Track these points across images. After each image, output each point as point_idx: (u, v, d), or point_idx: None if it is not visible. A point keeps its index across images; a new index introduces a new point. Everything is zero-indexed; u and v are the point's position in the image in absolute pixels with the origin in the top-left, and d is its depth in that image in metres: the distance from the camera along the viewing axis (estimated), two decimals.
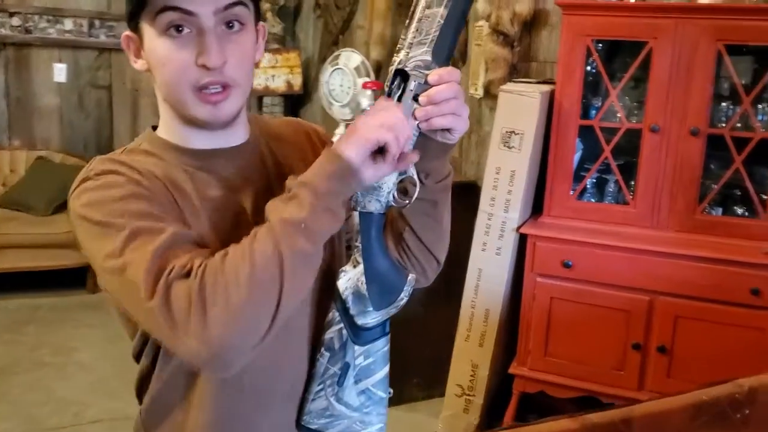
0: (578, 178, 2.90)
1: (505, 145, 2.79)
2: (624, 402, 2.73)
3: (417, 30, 0.97)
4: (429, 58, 0.96)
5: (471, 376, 2.97)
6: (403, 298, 1.07)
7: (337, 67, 3.55)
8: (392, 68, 0.99)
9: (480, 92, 3.24)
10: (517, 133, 2.78)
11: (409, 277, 1.08)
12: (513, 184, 2.79)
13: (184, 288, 0.88)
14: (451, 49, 0.99)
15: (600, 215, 2.85)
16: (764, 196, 2.68)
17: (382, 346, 1.09)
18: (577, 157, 2.89)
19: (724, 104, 2.72)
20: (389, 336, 1.10)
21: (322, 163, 0.95)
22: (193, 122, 1.03)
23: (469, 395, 2.99)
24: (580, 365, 2.81)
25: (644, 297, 2.68)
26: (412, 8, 0.98)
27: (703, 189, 2.72)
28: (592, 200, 2.93)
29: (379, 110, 0.97)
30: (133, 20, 1.01)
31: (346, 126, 3.54)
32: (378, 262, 1.07)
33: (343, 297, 1.06)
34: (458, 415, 3.02)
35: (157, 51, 0.98)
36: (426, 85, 0.97)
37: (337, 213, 0.95)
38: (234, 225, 1.04)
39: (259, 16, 1.06)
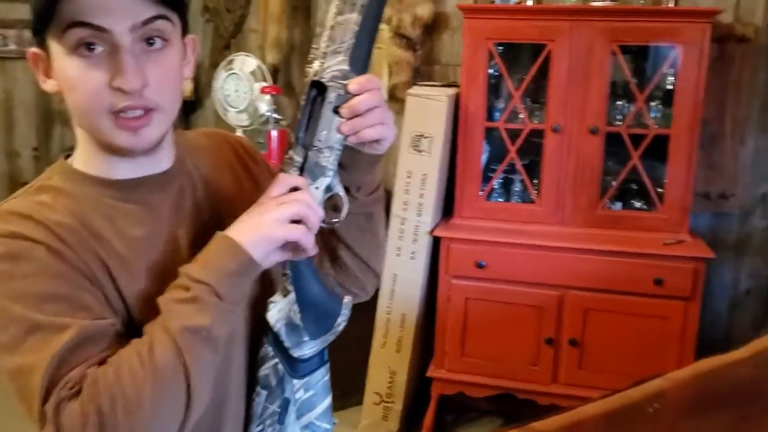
0: (485, 179, 2.94)
1: (414, 149, 2.79)
2: (539, 396, 2.80)
3: (330, 38, 0.91)
4: (347, 67, 0.91)
5: (389, 382, 2.95)
6: (341, 322, 1.00)
7: (231, 72, 3.46)
8: (307, 80, 0.93)
9: (384, 96, 3.23)
10: (426, 137, 2.78)
11: (345, 300, 1.01)
12: (425, 187, 2.80)
13: (77, 412, 0.79)
14: (368, 56, 0.94)
15: (508, 214, 2.90)
16: (660, 190, 2.81)
17: (322, 376, 1.02)
18: (483, 158, 2.93)
19: (619, 103, 2.83)
20: (328, 364, 1.04)
21: (222, 256, 0.87)
22: (112, 150, 0.93)
23: (387, 402, 2.97)
24: (496, 363, 2.85)
25: (555, 292, 2.75)
26: (323, 16, 0.94)
27: (603, 185, 2.82)
28: (500, 200, 2.98)
29: (282, 197, 0.91)
30: (38, 35, 0.89)
31: (244, 132, 3.48)
32: (311, 287, 0.99)
33: (275, 330, 0.97)
34: (377, 423, 3.00)
35: (67, 72, 0.87)
36: (346, 95, 0.92)
37: (237, 309, 0.90)
38: (170, 260, 0.95)
39: (186, 29, 0.96)
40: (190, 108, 4.95)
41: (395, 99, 3.16)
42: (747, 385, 1.59)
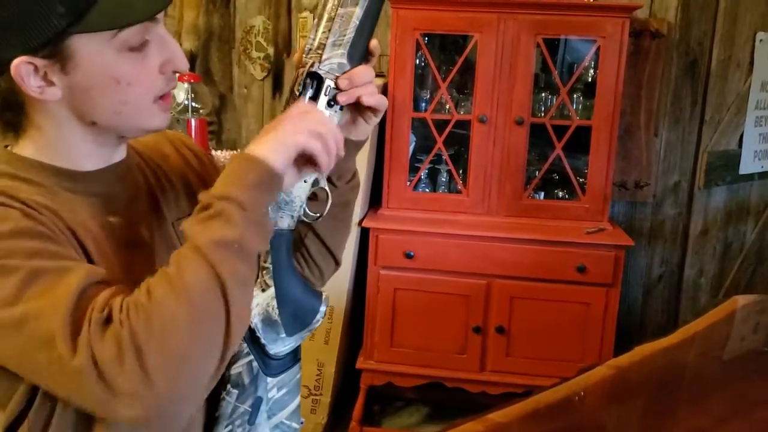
0: (413, 169, 2.94)
1: None
2: (468, 383, 2.84)
3: (329, 30, 0.89)
4: (345, 61, 0.90)
5: (317, 375, 2.92)
6: (319, 319, 0.97)
7: None
8: (303, 70, 0.91)
9: None
10: None
11: (324, 296, 0.99)
12: None
13: (110, 338, 0.73)
14: (364, 53, 0.93)
15: (435, 205, 2.92)
16: (581, 180, 2.89)
17: (294, 374, 1.00)
18: (410, 149, 2.93)
19: (543, 94, 2.89)
20: (300, 362, 1.01)
21: (240, 171, 0.82)
22: (121, 135, 0.91)
23: (315, 395, 2.94)
24: (425, 352, 2.86)
25: (482, 281, 2.79)
26: (321, 5, 0.91)
27: (527, 175, 2.88)
28: (427, 190, 2.99)
29: (304, 114, 0.88)
30: (52, 41, 0.80)
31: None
32: (291, 283, 0.97)
33: (252, 325, 0.94)
34: (305, 417, 2.92)
35: (118, 71, 0.83)
36: (337, 90, 0.92)
37: (266, 226, 0.85)
38: (129, 251, 0.92)
39: None
40: None
41: None
42: (684, 369, 1.66)
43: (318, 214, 0.97)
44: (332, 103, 0.92)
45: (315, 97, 0.92)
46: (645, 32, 3.02)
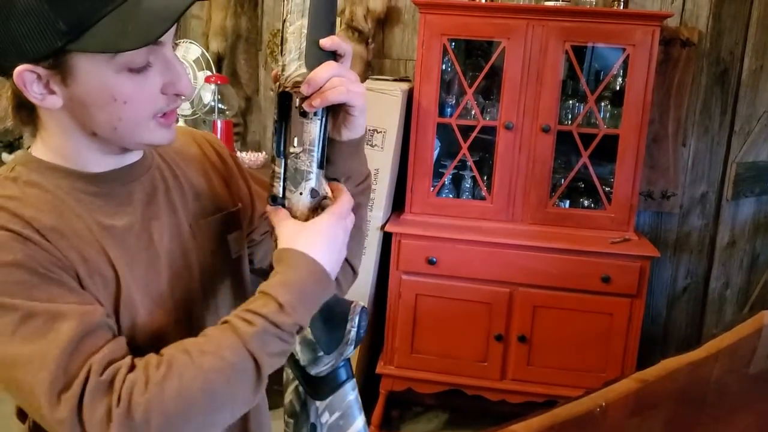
0: (437, 175, 2.93)
1: (368, 144, 2.75)
2: (488, 392, 2.82)
3: (287, 50, 0.90)
4: (305, 70, 0.90)
5: None
6: (351, 329, 0.94)
7: None
8: (274, 94, 0.94)
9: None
10: (380, 132, 2.75)
11: (353, 305, 0.96)
12: (377, 182, 2.77)
13: (103, 409, 0.75)
14: (326, 54, 0.91)
15: (459, 211, 2.90)
16: (607, 189, 2.86)
17: (346, 394, 0.96)
18: (434, 154, 2.92)
19: (570, 102, 2.86)
20: (354, 380, 0.96)
21: (316, 290, 0.87)
22: (126, 148, 0.91)
23: None
24: (446, 359, 2.85)
25: (504, 289, 2.77)
26: (280, 35, 0.91)
27: (552, 183, 2.85)
28: (451, 196, 2.98)
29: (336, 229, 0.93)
30: (55, 54, 0.81)
31: (185, 122, 3.37)
32: None
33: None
34: None
35: (115, 89, 0.83)
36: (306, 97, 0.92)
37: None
38: (143, 252, 0.93)
39: None
40: None
41: None
42: (709, 384, 1.63)
43: None
44: (305, 112, 0.91)
45: (287, 115, 0.94)
46: (675, 41, 2.99)
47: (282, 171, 0.94)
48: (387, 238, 2.84)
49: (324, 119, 0.93)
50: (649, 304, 3.15)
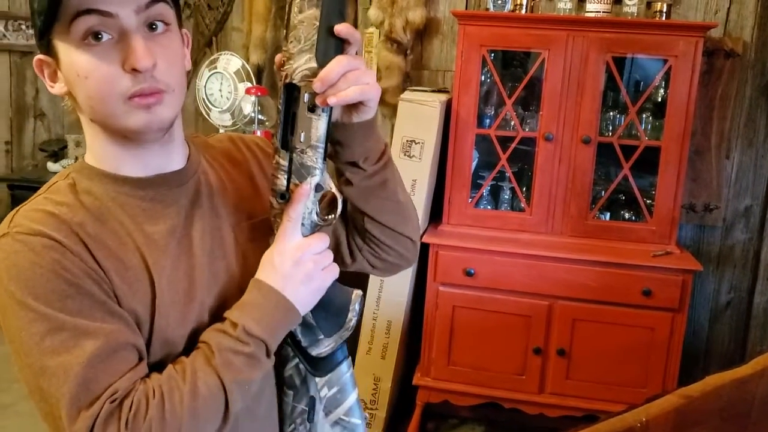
0: (475, 186, 2.92)
1: (405, 155, 2.76)
2: (526, 405, 2.79)
3: (295, 38, 0.90)
4: (314, 64, 0.89)
5: (373, 389, 2.91)
6: (352, 318, 1.01)
7: (215, 71, 3.39)
8: (281, 84, 0.92)
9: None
10: (418, 143, 2.76)
11: (353, 295, 1.01)
12: (414, 193, 2.77)
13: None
14: (337, 47, 0.91)
15: (497, 222, 2.88)
16: (649, 201, 2.82)
17: (344, 371, 1.03)
18: (472, 165, 2.91)
19: (611, 113, 2.84)
20: (350, 359, 1.05)
21: (277, 317, 0.94)
22: (126, 137, 0.92)
23: (371, 409, 2.93)
24: (483, 372, 2.83)
25: (543, 302, 2.74)
26: (286, 17, 0.91)
27: (592, 195, 2.82)
28: (489, 207, 2.97)
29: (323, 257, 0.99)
30: (44, 38, 0.89)
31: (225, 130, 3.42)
32: None
33: (293, 330, 1.00)
34: None
35: (77, 64, 0.87)
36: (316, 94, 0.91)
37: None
38: (183, 259, 0.95)
39: (180, 21, 0.96)
40: None
41: (385, 103, 3.13)
42: (755, 402, 1.59)
43: (332, 216, 0.98)
44: (313, 108, 0.91)
45: (289, 109, 0.93)
46: (719, 51, 2.94)
47: (287, 164, 0.95)
48: (424, 250, 2.84)
49: (330, 114, 0.94)
50: (691, 319, 3.09)
